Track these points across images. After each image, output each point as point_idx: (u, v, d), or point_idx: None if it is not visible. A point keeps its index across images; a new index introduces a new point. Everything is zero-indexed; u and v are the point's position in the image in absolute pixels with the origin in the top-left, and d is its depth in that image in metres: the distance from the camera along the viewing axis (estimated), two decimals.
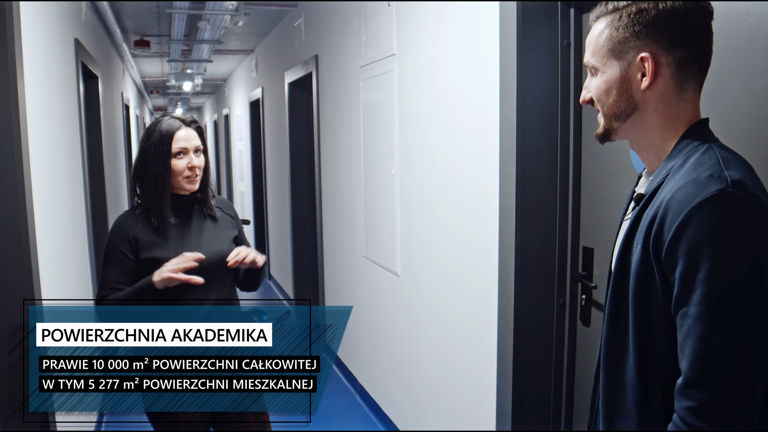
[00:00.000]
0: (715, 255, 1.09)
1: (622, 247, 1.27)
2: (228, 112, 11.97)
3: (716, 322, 1.09)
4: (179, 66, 9.11)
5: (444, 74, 2.88)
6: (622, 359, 1.28)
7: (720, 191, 1.10)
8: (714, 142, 1.22)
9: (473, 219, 2.69)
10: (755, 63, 1.60)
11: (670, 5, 1.22)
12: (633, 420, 1.25)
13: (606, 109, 1.31)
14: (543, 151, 2.31)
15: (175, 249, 2.22)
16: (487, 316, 2.59)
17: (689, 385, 1.12)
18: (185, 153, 2.23)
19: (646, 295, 1.21)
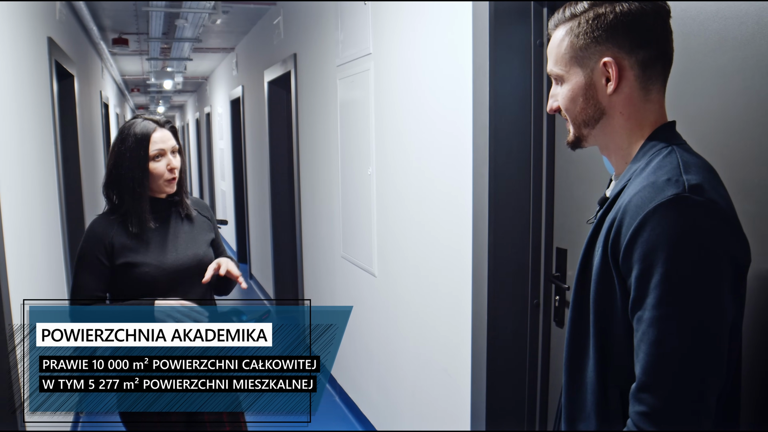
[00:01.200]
0: (669, 260, 1.08)
1: (585, 251, 1.27)
2: (210, 111, 11.91)
3: (668, 327, 1.09)
4: (159, 64, 9.05)
5: (418, 74, 2.87)
6: (583, 362, 1.27)
7: (676, 196, 1.09)
8: (678, 145, 1.21)
9: (447, 220, 2.68)
10: (725, 63, 1.59)
11: (626, 7, 1.21)
12: (593, 422, 1.24)
13: (574, 117, 1.30)
14: (516, 151, 2.30)
15: (153, 253, 2.18)
16: (461, 317, 2.59)
17: (642, 389, 1.12)
18: (163, 155, 2.17)
19: (606, 299, 1.20)
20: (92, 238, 2.15)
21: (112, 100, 9.81)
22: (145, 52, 8.31)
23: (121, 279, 2.17)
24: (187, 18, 5.77)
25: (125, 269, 2.16)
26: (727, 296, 1.10)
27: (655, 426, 1.10)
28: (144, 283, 2.15)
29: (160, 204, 2.24)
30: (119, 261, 2.15)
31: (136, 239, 2.17)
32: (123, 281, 2.17)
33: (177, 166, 2.20)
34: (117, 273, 2.17)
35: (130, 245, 2.16)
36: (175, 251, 2.22)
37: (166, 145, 2.18)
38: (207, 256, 2.30)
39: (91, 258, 2.14)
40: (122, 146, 2.15)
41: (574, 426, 1.29)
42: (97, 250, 2.14)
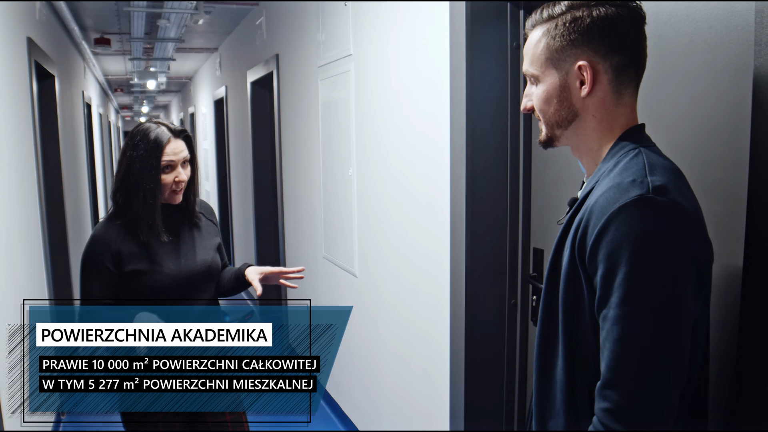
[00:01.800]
0: (632, 259, 1.09)
1: (555, 251, 1.28)
2: (194, 111, 11.87)
3: (631, 325, 1.10)
4: (142, 64, 9.01)
5: (397, 75, 2.88)
6: (552, 361, 1.29)
7: (639, 196, 1.11)
8: (646, 147, 1.23)
9: (426, 221, 2.69)
10: (695, 66, 1.61)
11: (603, 12, 1.22)
12: (561, 420, 1.26)
13: (548, 118, 1.32)
14: (493, 153, 2.31)
15: (163, 261, 2.15)
16: (440, 317, 2.60)
17: (606, 386, 1.13)
18: (173, 167, 2.13)
19: (574, 299, 1.22)
20: (98, 245, 2.11)
21: (95, 100, 9.75)
22: (127, 52, 8.27)
23: (130, 286, 2.14)
24: (169, 18, 5.75)
25: (134, 276, 2.13)
26: (690, 294, 1.12)
27: (618, 422, 1.11)
28: (154, 290, 2.13)
29: (168, 210, 2.21)
30: (127, 268, 2.11)
31: (144, 246, 2.13)
32: (132, 288, 2.14)
33: (184, 179, 2.16)
34: (125, 280, 2.13)
35: (139, 252, 2.12)
36: (185, 258, 2.20)
37: (177, 158, 2.13)
38: (215, 262, 2.29)
39: (98, 265, 2.10)
40: (134, 153, 2.10)
41: (545, 424, 1.31)
42: (103, 258, 2.10)
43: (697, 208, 1.18)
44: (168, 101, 18.45)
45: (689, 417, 1.22)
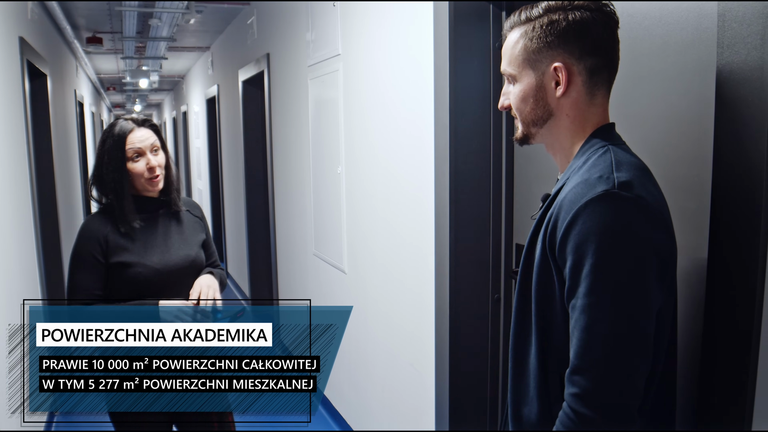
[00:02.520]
0: (598, 251, 1.15)
1: (528, 245, 1.34)
2: (186, 109, 11.88)
3: (597, 313, 1.16)
4: (134, 63, 9.03)
5: (384, 75, 2.93)
6: (526, 350, 1.34)
7: (605, 192, 1.16)
8: (615, 145, 1.28)
9: (411, 218, 2.74)
10: (667, 67, 1.66)
11: (579, 16, 1.27)
12: (535, 406, 1.31)
13: (524, 116, 1.37)
14: (476, 150, 2.36)
15: (145, 254, 2.20)
16: (425, 312, 2.65)
17: (574, 372, 1.19)
18: (141, 154, 2.19)
19: (546, 290, 1.28)
20: (87, 236, 2.16)
21: (87, 98, 9.76)
22: (119, 51, 8.29)
23: (115, 278, 2.18)
24: (161, 17, 5.78)
25: (119, 269, 2.17)
26: (653, 285, 1.17)
27: (586, 407, 1.17)
28: (137, 283, 2.17)
29: (148, 203, 2.26)
30: (113, 260, 2.16)
31: (129, 239, 2.19)
32: (117, 281, 2.19)
33: (157, 163, 2.21)
34: (111, 272, 2.18)
35: (124, 245, 2.17)
36: (167, 252, 2.24)
37: (144, 144, 2.19)
38: (199, 257, 2.33)
39: (87, 256, 2.15)
40: (102, 148, 2.18)
41: (520, 411, 1.36)
42: (92, 248, 2.15)
43: (662, 203, 1.23)
44: (161, 100, 18.43)
45: (657, 401, 1.27)
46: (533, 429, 1.32)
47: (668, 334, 1.27)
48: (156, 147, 2.23)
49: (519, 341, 1.36)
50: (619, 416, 1.16)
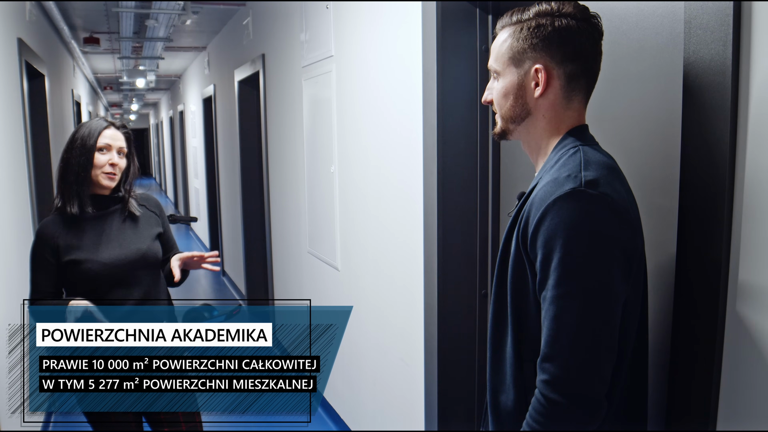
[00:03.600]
0: (565, 246, 1.22)
1: (505, 240, 1.41)
2: (183, 109, 11.93)
3: (565, 304, 1.23)
4: (131, 62, 9.08)
5: (375, 76, 2.99)
6: (503, 340, 1.41)
7: (572, 189, 1.23)
8: (586, 145, 1.35)
9: (402, 216, 2.81)
10: (644, 70, 1.74)
11: (565, 23, 1.35)
12: (511, 394, 1.38)
13: (503, 112, 1.44)
14: (463, 150, 2.43)
15: (95, 250, 2.30)
16: (415, 308, 2.72)
17: (545, 360, 1.26)
18: (108, 150, 2.32)
19: (520, 283, 1.35)
20: (40, 239, 2.29)
21: (84, 98, 9.81)
22: (116, 50, 8.34)
23: (70, 275, 2.29)
24: (158, 18, 5.84)
25: (71, 266, 2.28)
26: (618, 277, 1.24)
27: (555, 392, 1.24)
28: (88, 278, 2.27)
29: (102, 200, 2.37)
30: (65, 259, 2.27)
31: (80, 237, 2.29)
32: (71, 277, 2.29)
33: (118, 163, 2.34)
34: (65, 270, 2.29)
35: (74, 243, 2.28)
36: (118, 247, 2.34)
37: (113, 143, 2.33)
38: (151, 250, 2.42)
39: (40, 258, 2.28)
40: (76, 134, 2.31)
41: (497, 397, 1.43)
42: (44, 251, 2.27)
43: (628, 200, 1.30)
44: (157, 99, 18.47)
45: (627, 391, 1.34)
46: (510, 416, 1.39)
47: (636, 325, 1.34)
48: (122, 150, 2.37)
49: (496, 332, 1.43)
50: (587, 401, 1.23)
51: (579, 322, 1.23)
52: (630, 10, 1.77)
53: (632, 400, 1.39)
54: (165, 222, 2.55)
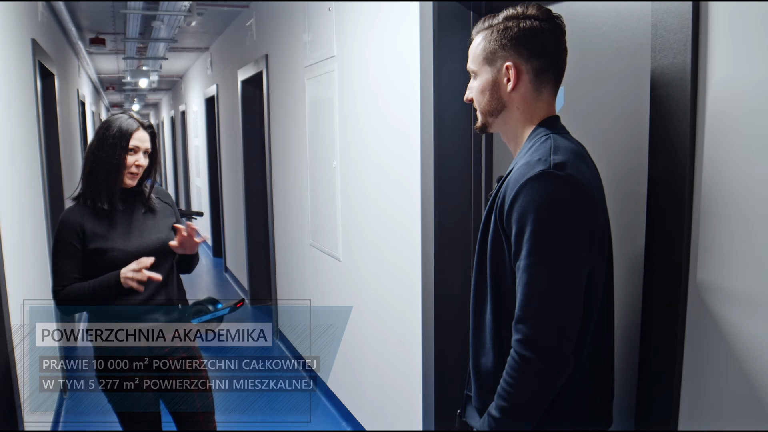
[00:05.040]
0: (535, 220, 1.39)
1: (485, 218, 1.58)
2: (185, 109, 12.03)
3: (536, 272, 1.40)
4: (135, 63, 9.20)
5: (375, 75, 3.16)
6: (483, 307, 1.58)
7: (542, 171, 1.40)
8: (557, 133, 1.52)
9: (400, 207, 2.98)
10: (622, 68, 1.90)
11: (529, 25, 1.52)
12: (491, 356, 1.55)
13: (482, 107, 1.62)
14: (458, 144, 2.59)
15: (120, 239, 2.44)
16: (413, 293, 2.88)
17: (518, 321, 1.43)
18: (136, 152, 2.46)
19: (498, 255, 1.52)
20: (65, 225, 2.41)
21: (88, 98, 9.95)
22: (121, 51, 8.46)
23: (93, 263, 2.42)
24: (163, 20, 5.99)
25: (95, 254, 2.41)
26: (582, 248, 1.41)
27: (527, 350, 1.41)
28: (114, 267, 2.40)
29: (125, 193, 2.51)
30: (90, 246, 2.40)
31: (105, 226, 2.43)
32: (94, 265, 2.42)
33: (142, 164, 2.48)
34: (89, 258, 2.42)
35: (100, 232, 2.42)
36: (140, 237, 2.49)
37: (141, 145, 2.47)
38: (169, 239, 2.57)
39: (66, 244, 2.39)
40: (107, 133, 2.43)
41: (478, 360, 1.60)
42: (70, 237, 2.39)
43: (592, 181, 1.46)
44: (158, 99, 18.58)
45: (594, 350, 1.51)
46: (490, 375, 1.56)
47: (601, 291, 1.51)
48: (147, 151, 2.51)
49: (477, 299, 1.61)
50: (555, 357, 1.40)
51: (547, 288, 1.40)
52: (609, 12, 1.93)
53: (598, 359, 1.56)
54: (177, 213, 2.71)
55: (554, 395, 1.46)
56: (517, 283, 1.44)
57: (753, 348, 1.42)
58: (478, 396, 1.61)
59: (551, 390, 1.44)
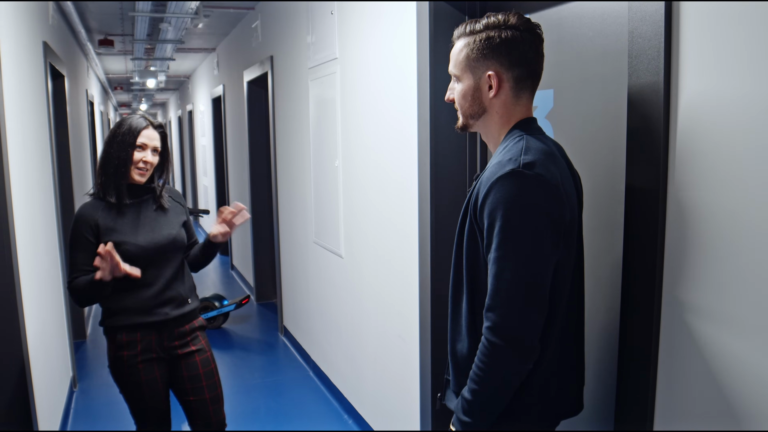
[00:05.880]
0: (504, 216, 1.48)
1: (462, 213, 1.67)
2: (192, 108, 12.14)
3: (504, 264, 1.49)
4: (143, 64, 9.32)
5: (375, 76, 3.26)
6: (460, 296, 1.68)
7: (511, 170, 1.49)
8: (531, 135, 1.60)
9: (399, 205, 3.07)
10: (607, 72, 1.99)
11: (510, 35, 1.60)
12: (466, 343, 1.65)
13: (464, 110, 1.71)
14: (454, 143, 2.68)
15: (132, 234, 2.54)
16: (411, 289, 2.98)
17: (488, 310, 1.52)
18: (144, 149, 2.57)
19: (473, 247, 1.61)
20: (81, 220, 2.52)
21: (97, 98, 10.06)
22: (129, 52, 8.58)
23: None
24: (171, 21, 6.09)
25: None
26: (548, 243, 1.49)
27: (496, 336, 1.50)
28: (126, 259, 2.49)
29: (137, 189, 2.63)
30: (103, 239, 2.50)
31: (118, 221, 2.54)
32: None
33: (150, 161, 2.59)
34: None
35: (112, 226, 2.53)
36: (151, 232, 2.59)
37: (149, 142, 2.58)
38: (180, 236, 2.68)
39: (81, 238, 2.51)
40: (118, 130, 2.56)
41: (454, 345, 1.70)
42: (85, 231, 2.51)
43: (561, 179, 1.54)
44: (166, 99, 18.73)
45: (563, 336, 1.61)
46: (465, 361, 1.65)
47: (569, 284, 1.60)
48: (157, 149, 2.62)
49: (455, 289, 1.71)
50: (521, 344, 1.49)
51: (514, 279, 1.48)
52: (595, 17, 2.02)
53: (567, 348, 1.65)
54: (187, 212, 2.82)
55: (523, 379, 1.55)
56: (489, 273, 1.53)
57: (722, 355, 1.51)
58: (455, 380, 1.71)
59: (519, 374, 1.53)
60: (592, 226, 2.01)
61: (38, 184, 3.71)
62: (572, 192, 1.58)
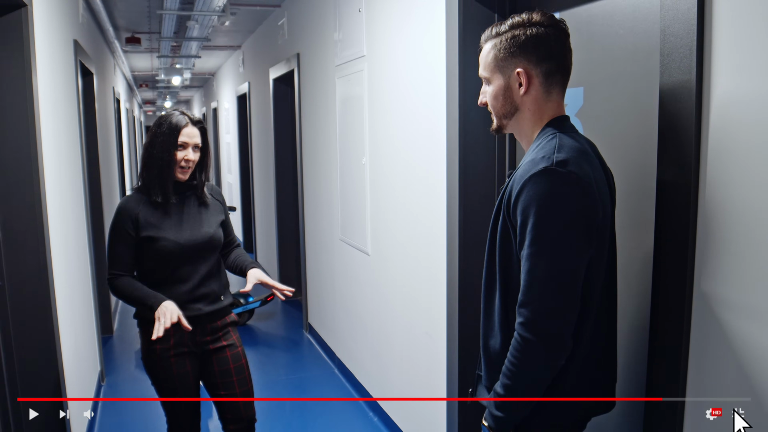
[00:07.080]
0: (537, 213, 1.49)
1: (495, 210, 1.68)
2: (216, 106, 12.22)
3: (536, 260, 1.50)
4: (168, 61, 9.40)
5: (403, 75, 3.27)
6: (492, 293, 1.70)
7: (545, 168, 1.50)
8: (564, 133, 1.61)
9: (426, 202, 3.08)
10: (637, 70, 1.98)
11: (535, 32, 1.62)
12: (498, 338, 1.66)
13: (496, 111, 1.72)
14: (483, 142, 2.69)
15: (172, 230, 2.57)
16: (438, 286, 2.99)
17: (520, 306, 1.53)
18: (185, 147, 2.58)
19: (506, 244, 1.63)
20: (122, 213, 2.56)
21: (123, 95, 10.17)
22: (155, 50, 8.66)
23: (144, 249, 2.57)
24: (197, 19, 6.14)
25: (147, 241, 2.55)
26: (581, 239, 1.50)
27: (528, 332, 1.51)
28: (162, 255, 2.55)
29: (180, 185, 2.65)
30: (143, 234, 2.54)
31: (158, 216, 2.57)
32: (145, 252, 2.57)
33: (192, 159, 2.60)
34: (141, 244, 2.56)
35: (153, 221, 2.56)
36: (190, 229, 2.62)
37: (190, 140, 2.60)
38: (217, 234, 2.71)
39: (122, 231, 2.55)
40: (158, 130, 2.58)
41: (487, 342, 1.72)
42: (126, 224, 2.55)
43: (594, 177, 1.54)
44: (190, 96, 18.87)
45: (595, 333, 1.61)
46: (498, 356, 1.67)
47: (601, 281, 1.60)
48: (198, 146, 2.64)
49: (488, 286, 1.72)
50: (553, 339, 1.51)
51: (547, 275, 1.50)
52: (626, 16, 2.02)
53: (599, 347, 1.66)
54: (226, 210, 2.84)
55: (555, 375, 1.56)
56: (522, 269, 1.54)
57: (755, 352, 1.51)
58: (487, 375, 1.72)
59: (551, 369, 1.54)
60: (622, 223, 2.01)
61: (70, 182, 3.76)
62: (605, 190, 1.59)
